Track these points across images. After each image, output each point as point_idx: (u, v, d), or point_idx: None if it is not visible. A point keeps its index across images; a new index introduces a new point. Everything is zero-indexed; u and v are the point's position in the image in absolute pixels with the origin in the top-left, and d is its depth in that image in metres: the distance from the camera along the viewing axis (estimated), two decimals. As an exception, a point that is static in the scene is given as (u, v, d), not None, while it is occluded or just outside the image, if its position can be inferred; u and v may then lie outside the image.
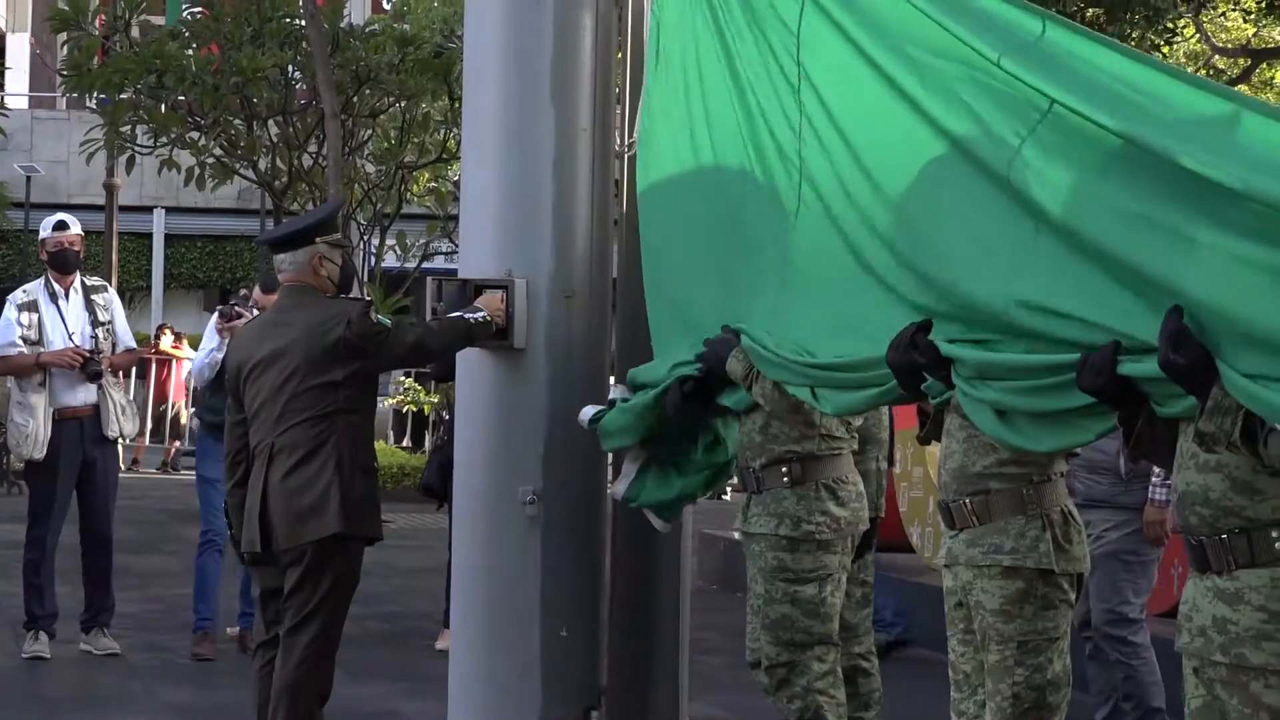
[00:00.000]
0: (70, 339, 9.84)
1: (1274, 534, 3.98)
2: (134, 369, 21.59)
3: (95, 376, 9.74)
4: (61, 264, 9.94)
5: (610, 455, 7.01)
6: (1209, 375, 3.88)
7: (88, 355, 9.73)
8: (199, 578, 9.99)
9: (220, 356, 9.54)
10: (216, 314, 10.15)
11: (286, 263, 6.90)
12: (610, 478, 7.12)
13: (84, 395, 9.88)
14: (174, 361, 23.31)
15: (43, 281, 9.97)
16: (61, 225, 10.02)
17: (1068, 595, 5.26)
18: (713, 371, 6.23)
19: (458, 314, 6.64)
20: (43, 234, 10.05)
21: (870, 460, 6.98)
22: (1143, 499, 7.39)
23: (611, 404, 6.71)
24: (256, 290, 10.13)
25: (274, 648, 6.84)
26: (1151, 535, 7.17)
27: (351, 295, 6.91)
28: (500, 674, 6.95)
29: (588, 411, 6.71)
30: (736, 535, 6.68)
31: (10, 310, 9.95)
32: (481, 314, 6.63)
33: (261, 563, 6.86)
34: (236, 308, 9.96)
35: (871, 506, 6.87)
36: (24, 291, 10.02)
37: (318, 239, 6.87)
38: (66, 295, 9.93)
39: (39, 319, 9.84)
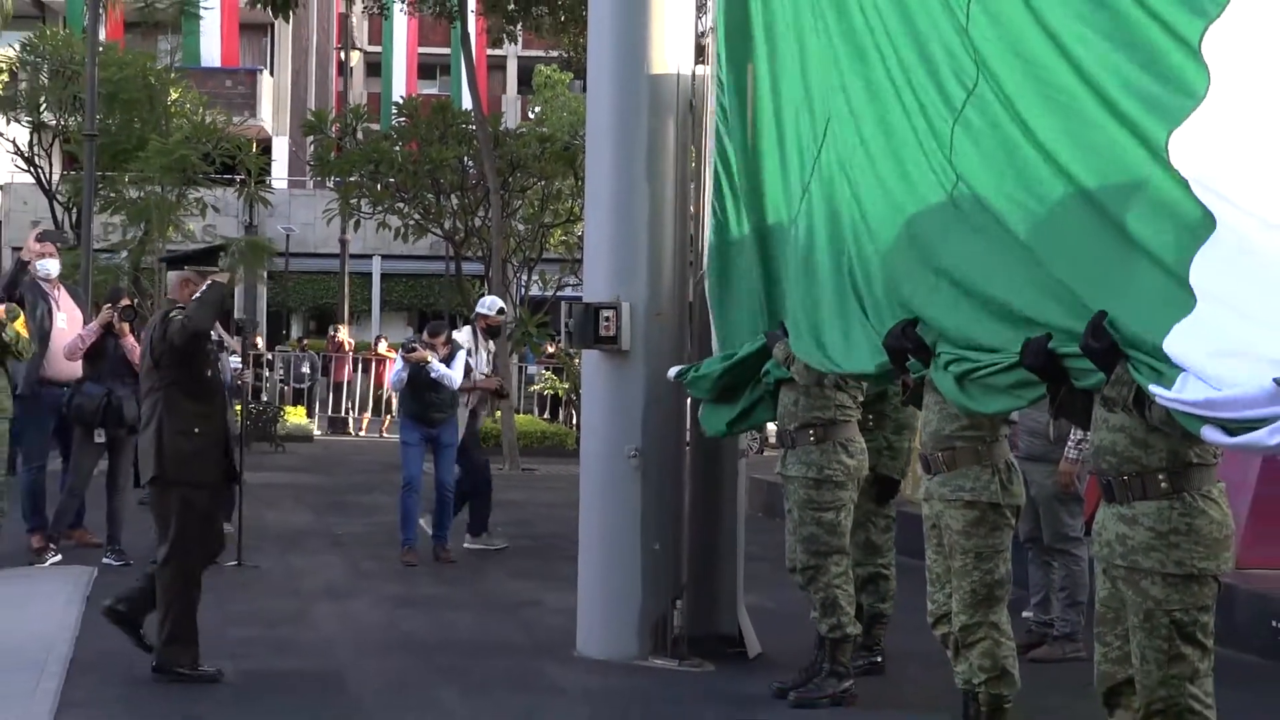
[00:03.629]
0: None
1: (1160, 477, 3.96)
2: (360, 365, 21.90)
3: None
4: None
5: (688, 421, 7.01)
6: (1114, 358, 3.89)
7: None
8: (402, 510, 9.99)
9: (405, 376, 9.63)
10: (401, 347, 10.14)
11: (167, 281, 6.61)
12: (688, 439, 7.11)
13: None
14: (387, 361, 23.42)
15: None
16: None
17: (1009, 521, 5.21)
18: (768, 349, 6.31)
19: (197, 297, 6.25)
20: None
21: (905, 440, 6.86)
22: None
23: (692, 366, 6.78)
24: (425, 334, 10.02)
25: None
26: (1062, 482, 7.09)
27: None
28: (614, 575, 6.96)
29: (673, 371, 6.78)
30: (777, 478, 6.60)
31: None
32: (204, 286, 6.28)
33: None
34: (414, 342, 9.92)
35: (899, 473, 6.80)
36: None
37: (186, 267, 6.48)
38: None
39: None
